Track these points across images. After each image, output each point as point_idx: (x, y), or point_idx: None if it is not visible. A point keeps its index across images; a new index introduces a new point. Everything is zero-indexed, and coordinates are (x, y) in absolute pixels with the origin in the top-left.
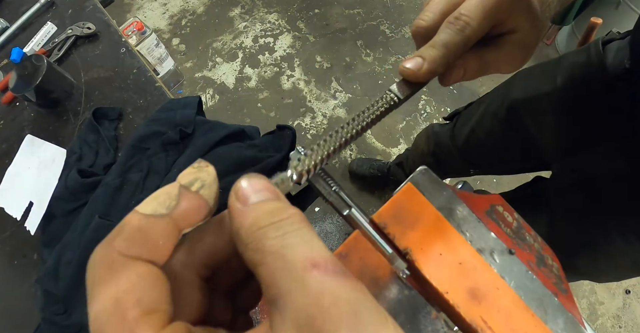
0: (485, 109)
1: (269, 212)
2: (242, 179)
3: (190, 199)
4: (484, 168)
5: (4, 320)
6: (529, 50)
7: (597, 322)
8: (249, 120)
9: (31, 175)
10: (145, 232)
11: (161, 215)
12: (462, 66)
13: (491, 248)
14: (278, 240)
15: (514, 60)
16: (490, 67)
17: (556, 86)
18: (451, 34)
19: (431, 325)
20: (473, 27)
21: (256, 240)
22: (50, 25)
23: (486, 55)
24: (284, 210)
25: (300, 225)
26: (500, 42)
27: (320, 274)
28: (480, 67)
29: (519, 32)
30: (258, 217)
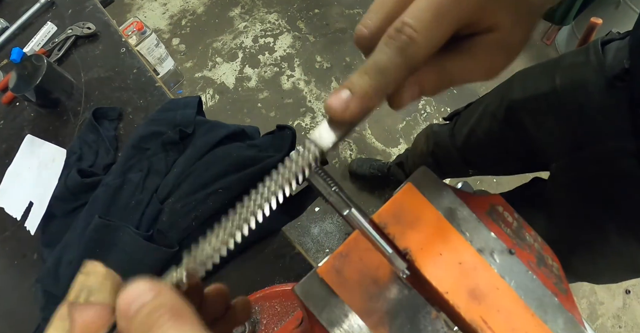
0: (484, 109)
1: (142, 319)
2: (121, 292)
3: (83, 312)
4: (482, 168)
5: (4, 320)
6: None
7: (597, 322)
8: (249, 120)
9: (31, 175)
10: None
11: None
12: (416, 82)
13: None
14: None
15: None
16: (457, 78)
17: (555, 86)
18: (389, 54)
19: (431, 325)
20: (419, 43)
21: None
22: (50, 25)
23: (451, 65)
24: (155, 308)
25: (168, 321)
26: (470, 46)
27: None
28: (441, 80)
29: (498, 31)
30: (136, 330)
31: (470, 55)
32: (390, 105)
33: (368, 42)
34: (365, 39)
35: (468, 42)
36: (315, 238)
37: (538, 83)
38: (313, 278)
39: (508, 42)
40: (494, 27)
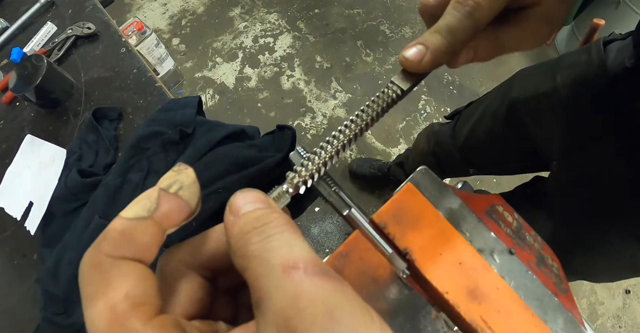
0: (485, 109)
1: (254, 218)
2: (237, 193)
3: (169, 201)
4: (483, 168)
5: (4, 320)
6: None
7: (597, 322)
8: (249, 120)
9: (31, 175)
10: (129, 234)
11: (143, 217)
12: (472, 47)
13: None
14: (260, 245)
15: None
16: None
17: (556, 85)
18: (458, 17)
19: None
20: (484, 8)
21: (242, 247)
22: (50, 25)
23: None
24: (268, 215)
25: (282, 228)
26: (519, 18)
27: (299, 276)
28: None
29: (543, 5)
30: (244, 224)
31: (521, 25)
32: (447, 63)
33: (433, 9)
34: (430, 7)
35: (518, 14)
36: (315, 238)
37: (539, 82)
38: None
39: (551, 15)
40: (540, 1)
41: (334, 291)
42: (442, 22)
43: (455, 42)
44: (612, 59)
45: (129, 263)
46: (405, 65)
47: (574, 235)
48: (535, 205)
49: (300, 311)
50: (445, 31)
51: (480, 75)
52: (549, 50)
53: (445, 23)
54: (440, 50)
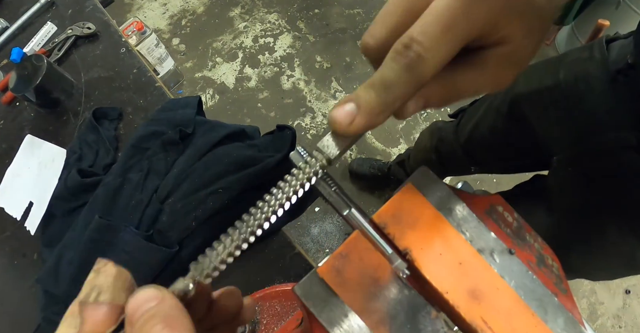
0: (488, 105)
1: (140, 325)
2: (127, 300)
3: (93, 311)
4: (485, 165)
5: (4, 320)
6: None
7: (597, 322)
8: (249, 120)
9: (31, 175)
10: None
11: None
12: (421, 96)
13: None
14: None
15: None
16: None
17: (559, 80)
18: (396, 70)
19: (431, 325)
20: (428, 60)
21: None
22: (50, 25)
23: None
24: (153, 316)
25: (161, 325)
26: (479, 60)
27: None
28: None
29: (511, 44)
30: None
31: (480, 68)
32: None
33: (375, 53)
34: (372, 50)
35: (477, 55)
36: (315, 238)
37: (542, 77)
38: (313, 278)
39: (519, 54)
40: (504, 40)
41: None
42: (377, 74)
43: (392, 99)
44: (615, 55)
45: None
46: (334, 128)
47: (573, 232)
48: (534, 202)
49: None
50: (380, 87)
51: None
52: (548, 50)
53: (380, 76)
54: (374, 111)
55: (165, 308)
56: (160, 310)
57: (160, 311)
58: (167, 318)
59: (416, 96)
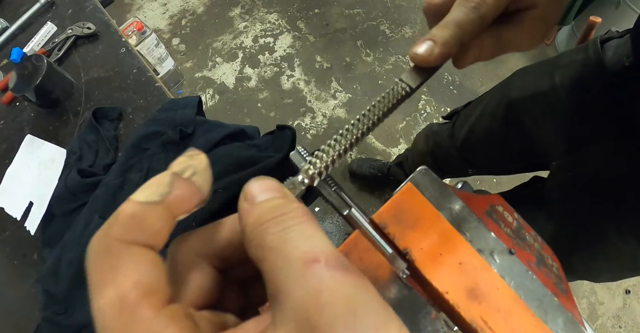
0: (484, 108)
1: (271, 208)
2: (251, 180)
3: (182, 186)
4: (482, 168)
5: (4, 320)
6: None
7: (597, 322)
8: (249, 120)
9: (31, 175)
10: (140, 219)
11: (155, 202)
12: (477, 46)
13: (491, 248)
14: (278, 236)
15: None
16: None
17: (554, 84)
18: (465, 11)
19: (431, 325)
20: (489, 4)
21: (258, 237)
22: (50, 25)
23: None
24: (286, 205)
25: (301, 219)
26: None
27: (320, 269)
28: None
29: (539, 8)
30: (261, 213)
31: (519, 25)
32: (454, 63)
33: (438, 7)
34: (435, 6)
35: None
36: None
37: (538, 81)
38: None
39: (546, 16)
40: (536, 3)
41: (356, 287)
42: (449, 17)
43: (462, 34)
44: (610, 57)
45: (140, 249)
46: (416, 60)
47: (574, 235)
48: (534, 205)
49: (322, 307)
50: (452, 24)
51: (480, 75)
52: (549, 50)
53: (452, 17)
54: (449, 43)
55: (300, 206)
56: (295, 203)
57: (296, 204)
58: (304, 211)
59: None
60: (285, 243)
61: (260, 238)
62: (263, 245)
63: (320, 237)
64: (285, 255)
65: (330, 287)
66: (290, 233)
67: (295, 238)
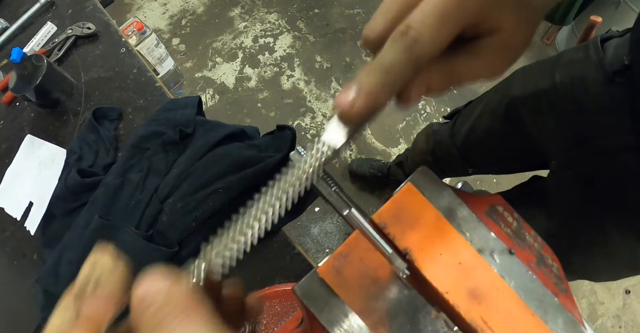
0: (484, 107)
1: (154, 321)
2: (138, 286)
3: (89, 304)
4: (482, 167)
5: (4, 320)
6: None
7: (597, 322)
8: (249, 120)
9: (31, 175)
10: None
11: (66, 328)
12: (424, 82)
13: (491, 248)
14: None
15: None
16: (463, 77)
17: (555, 83)
18: (395, 52)
19: (431, 325)
20: (424, 43)
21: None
22: (50, 25)
23: (457, 65)
24: (165, 310)
25: (179, 320)
26: (475, 47)
27: None
28: (449, 79)
29: (503, 33)
30: (147, 329)
31: (476, 55)
32: (397, 103)
33: (375, 44)
34: (372, 42)
35: (473, 43)
36: (315, 238)
37: (538, 80)
38: (313, 278)
39: (511, 43)
40: (498, 29)
41: None
42: (377, 59)
43: (392, 80)
44: (610, 56)
45: None
46: (338, 113)
47: (574, 234)
48: (533, 204)
49: None
50: (379, 69)
51: None
52: (549, 50)
53: (380, 60)
54: (375, 92)
55: (178, 293)
56: (173, 297)
57: (173, 297)
58: (183, 305)
59: (419, 83)
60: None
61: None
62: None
63: (197, 329)
64: None
65: None
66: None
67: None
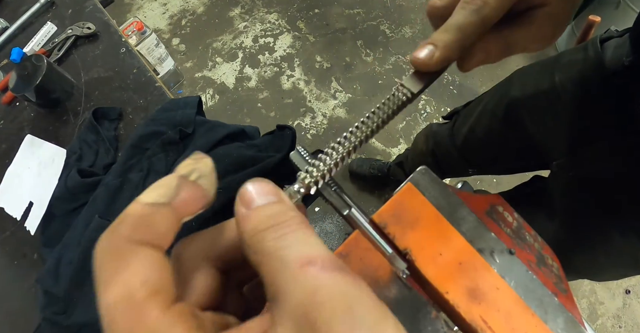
0: (483, 108)
1: (269, 215)
2: (248, 183)
3: (188, 189)
4: (482, 167)
5: (4, 320)
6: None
7: (597, 321)
8: (249, 120)
9: (31, 175)
10: (148, 219)
11: (162, 203)
12: (483, 49)
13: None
14: (275, 242)
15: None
16: (516, 46)
17: (554, 84)
18: (466, 14)
19: (431, 325)
20: (491, 5)
21: (256, 244)
22: (50, 25)
23: (512, 34)
24: (284, 213)
25: (297, 226)
26: (527, 19)
27: (316, 271)
28: (505, 48)
29: (549, 5)
30: (258, 221)
31: (528, 25)
32: (459, 66)
33: (440, 11)
34: (438, 9)
35: (525, 15)
36: None
37: (538, 81)
38: None
39: (556, 15)
40: (546, 1)
41: (352, 286)
42: (450, 20)
43: (463, 38)
44: (610, 56)
45: (147, 249)
46: (417, 65)
47: (575, 234)
48: (534, 205)
49: (319, 305)
50: (453, 28)
51: (480, 75)
52: (548, 50)
53: (453, 21)
54: (450, 47)
55: (294, 209)
56: (292, 210)
57: (293, 212)
58: (303, 220)
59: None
60: (282, 249)
61: (258, 245)
62: (261, 251)
63: (316, 242)
64: (282, 259)
65: (327, 286)
66: (287, 240)
67: (292, 244)
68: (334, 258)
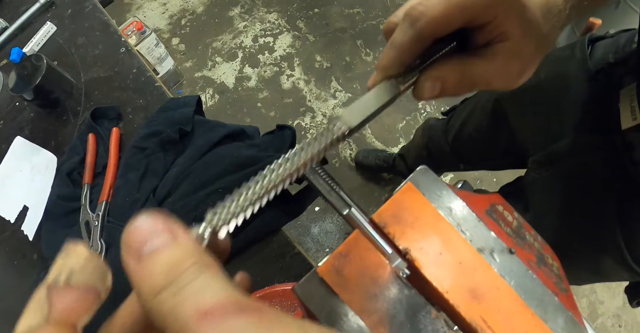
0: (475, 103)
1: (165, 270)
2: (130, 225)
3: (62, 296)
4: (472, 162)
5: (4, 320)
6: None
7: (597, 321)
8: (249, 120)
9: (24, 179)
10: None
11: (40, 326)
12: (437, 78)
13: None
14: (172, 300)
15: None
16: (479, 80)
17: (540, 80)
18: (403, 29)
19: (431, 324)
20: (427, 18)
21: (157, 306)
22: (49, 25)
23: (473, 66)
24: (183, 260)
25: (196, 274)
26: (489, 52)
27: (215, 321)
28: (463, 81)
29: (510, 40)
30: (153, 280)
31: (489, 59)
32: (413, 94)
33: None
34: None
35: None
36: (315, 237)
37: None
38: (313, 278)
39: (521, 52)
40: (506, 35)
41: (256, 327)
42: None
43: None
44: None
45: None
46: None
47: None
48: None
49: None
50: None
51: None
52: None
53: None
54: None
55: (189, 247)
56: (188, 250)
57: (189, 251)
58: (201, 261)
59: (434, 79)
60: (179, 306)
61: (158, 307)
62: (162, 314)
63: (215, 286)
64: (181, 319)
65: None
66: (183, 294)
67: (188, 298)
68: (236, 298)
